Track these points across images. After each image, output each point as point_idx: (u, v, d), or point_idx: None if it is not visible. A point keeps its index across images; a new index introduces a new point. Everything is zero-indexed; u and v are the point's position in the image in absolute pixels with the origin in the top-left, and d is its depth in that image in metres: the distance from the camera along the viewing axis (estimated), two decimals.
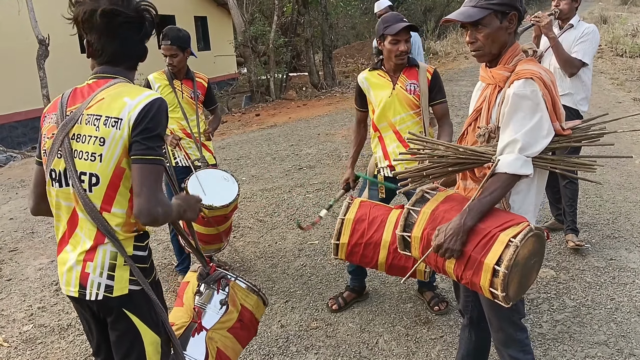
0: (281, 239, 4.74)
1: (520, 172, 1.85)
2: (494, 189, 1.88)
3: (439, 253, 1.91)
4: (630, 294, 3.42)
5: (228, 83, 18.94)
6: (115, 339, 1.81)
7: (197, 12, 18.69)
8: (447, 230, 1.88)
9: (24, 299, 3.98)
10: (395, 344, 3.07)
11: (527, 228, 1.81)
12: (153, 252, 4.61)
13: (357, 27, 25.80)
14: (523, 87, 1.86)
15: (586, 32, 3.89)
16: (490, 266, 1.80)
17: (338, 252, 2.47)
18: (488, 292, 1.84)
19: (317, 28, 16.70)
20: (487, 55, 1.99)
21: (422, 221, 2.02)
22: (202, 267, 2.17)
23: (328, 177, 6.49)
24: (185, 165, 3.88)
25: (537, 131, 1.87)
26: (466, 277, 1.89)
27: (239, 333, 2.20)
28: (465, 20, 1.94)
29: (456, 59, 18.59)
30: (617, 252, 3.99)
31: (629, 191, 5.22)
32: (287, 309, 3.53)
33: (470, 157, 1.98)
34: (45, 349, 3.29)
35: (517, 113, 1.87)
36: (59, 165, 1.74)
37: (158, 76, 3.85)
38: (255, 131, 10.36)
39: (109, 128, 1.68)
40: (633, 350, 2.86)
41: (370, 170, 3.34)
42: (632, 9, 23.63)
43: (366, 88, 3.24)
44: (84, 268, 1.74)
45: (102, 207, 1.72)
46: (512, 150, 1.87)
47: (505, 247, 1.78)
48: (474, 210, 1.88)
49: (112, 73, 1.79)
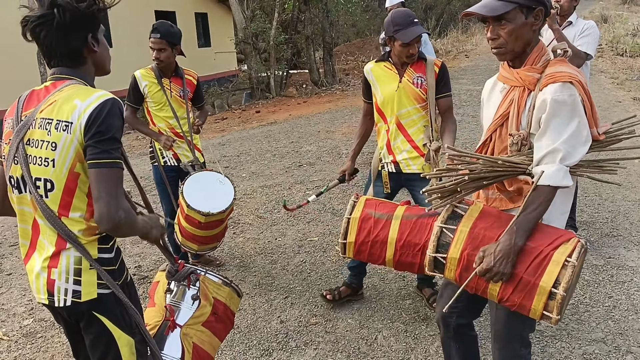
0: (281, 235, 4.75)
1: (563, 183, 1.75)
2: (539, 204, 1.76)
3: (486, 277, 1.79)
4: (628, 292, 3.43)
5: (228, 80, 18.93)
6: (90, 343, 1.79)
7: (198, 9, 18.66)
8: (496, 252, 1.75)
9: (24, 293, 3.99)
10: (394, 340, 3.08)
11: (579, 245, 1.72)
12: (148, 250, 4.65)
13: (358, 24, 25.76)
14: (561, 91, 1.74)
15: (587, 27, 4.02)
16: (547, 289, 1.69)
17: (346, 251, 2.46)
18: (539, 315, 1.73)
19: (317, 25, 16.70)
20: (510, 53, 1.87)
21: (460, 241, 1.89)
22: (169, 264, 2.12)
23: (328, 174, 6.50)
24: (174, 165, 3.82)
25: (576, 138, 1.76)
26: (513, 300, 1.77)
27: (215, 326, 2.18)
28: (488, 14, 1.81)
29: (456, 57, 18.59)
30: (616, 250, 4.01)
31: (628, 190, 5.23)
32: (286, 305, 3.54)
33: (508, 169, 1.87)
34: (46, 343, 3.30)
35: (555, 119, 1.75)
36: (16, 171, 1.71)
37: (145, 73, 3.72)
38: (255, 128, 10.37)
39: (60, 132, 1.62)
40: (630, 348, 2.87)
41: (374, 165, 3.32)
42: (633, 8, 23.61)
43: (372, 80, 3.22)
44: (49, 275, 1.70)
45: (60, 212, 1.67)
46: (552, 160, 1.76)
47: (562, 267, 1.68)
48: (522, 228, 1.76)
49: (68, 74, 1.73)
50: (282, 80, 16.11)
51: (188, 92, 3.84)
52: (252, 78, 15.64)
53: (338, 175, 3.47)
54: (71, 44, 1.71)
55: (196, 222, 3.44)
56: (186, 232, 3.55)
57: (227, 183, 3.69)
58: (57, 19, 1.64)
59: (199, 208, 3.37)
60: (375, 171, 3.31)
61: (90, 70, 1.80)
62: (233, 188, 3.67)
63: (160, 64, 3.66)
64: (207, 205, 3.42)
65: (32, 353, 3.20)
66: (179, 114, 3.77)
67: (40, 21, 1.66)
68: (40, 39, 1.68)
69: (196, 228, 3.50)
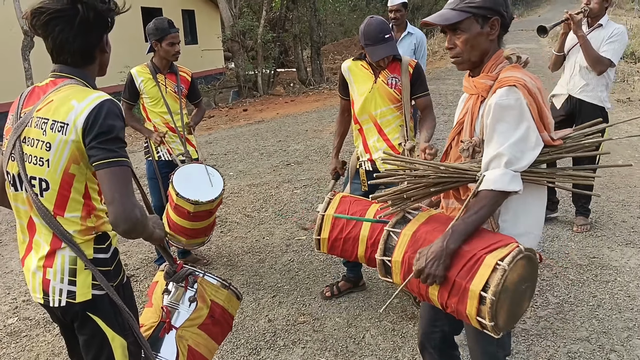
0: (269, 234, 4.74)
1: (509, 188, 1.69)
2: (479, 208, 1.72)
3: (420, 279, 1.76)
4: (611, 291, 3.48)
5: (215, 77, 18.84)
6: (83, 343, 1.78)
7: (185, 6, 18.53)
8: (428, 253, 1.73)
9: (9, 291, 3.94)
10: (382, 339, 3.10)
11: (516, 249, 1.65)
12: (139, 246, 4.62)
13: (346, 23, 25.82)
14: (506, 95, 1.71)
15: (616, 33, 3.99)
16: (476, 293, 1.63)
17: (320, 246, 2.51)
18: (475, 321, 1.68)
19: (305, 24, 16.71)
20: (467, 62, 1.86)
21: (403, 244, 1.87)
22: (168, 265, 2.11)
23: (316, 173, 6.50)
24: (168, 160, 3.88)
25: (523, 143, 1.71)
26: (451, 305, 1.74)
27: (211, 329, 2.15)
28: (442, 23, 1.81)
29: (443, 58, 18.67)
30: (600, 250, 4.06)
31: (612, 191, 5.31)
32: (274, 304, 3.54)
33: (453, 175, 1.83)
34: (31, 342, 3.27)
35: (501, 124, 1.72)
36: (12, 168, 1.70)
37: (141, 70, 3.81)
38: (242, 126, 10.33)
39: (55, 133, 1.60)
40: (614, 347, 2.92)
41: (353, 165, 3.37)
42: (617, 11, 23.92)
43: (348, 78, 3.26)
44: (44, 274, 1.70)
45: (55, 211, 1.66)
46: (497, 164, 1.72)
47: (492, 270, 1.62)
48: (458, 232, 1.72)
49: (69, 73, 1.70)
50: (270, 78, 16.08)
51: (182, 88, 3.93)
52: (239, 76, 15.59)
53: (331, 176, 3.49)
54: (87, 43, 1.68)
55: (185, 212, 3.48)
56: (174, 224, 3.57)
57: (217, 175, 3.75)
58: (81, 15, 1.61)
59: (188, 196, 3.43)
60: (353, 169, 3.36)
61: (94, 70, 1.77)
62: (222, 180, 3.72)
63: (177, 57, 3.77)
64: (197, 194, 3.45)
65: (17, 352, 3.17)
66: (173, 109, 3.85)
67: (59, 15, 1.61)
68: (54, 33, 1.63)
69: (185, 219, 3.52)
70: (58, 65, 1.71)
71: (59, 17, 1.61)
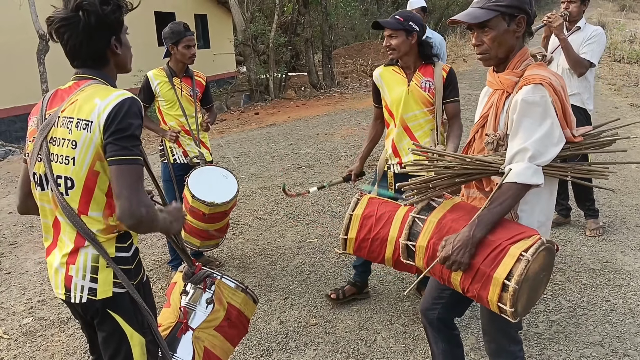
0: (280, 236, 4.77)
1: (531, 181, 1.78)
2: (504, 199, 1.81)
3: (445, 265, 1.85)
4: (625, 296, 3.46)
5: (227, 81, 18.94)
6: (102, 340, 1.81)
7: (198, 10, 18.69)
8: (455, 241, 1.82)
9: (24, 292, 4.00)
10: (393, 342, 3.10)
11: (539, 242, 1.75)
12: (152, 248, 4.66)
13: (357, 28, 25.84)
14: (532, 92, 1.80)
15: (594, 34, 4.06)
16: (500, 280, 1.73)
17: (346, 246, 2.49)
18: (496, 306, 1.78)
19: (317, 28, 16.76)
20: (493, 59, 1.94)
21: (428, 230, 1.96)
22: (187, 267, 2.14)
23: (327, 176, 6.52)
24: (183, 162, 3.93)
25: (547, 139, 1.80)
26: (473, 291, 1.84)
27: (227, 331, 2.17)
28: (471, 22, 1.88)
29: (455, 62, 18.65)
30: (613, 254, 4.04)
31: (625, 195, 5.27)
32: (286, 306, 3.56)
33: (478, 167, 1.92)
34: (45, 341, 3.31)
35: (526, 120, 1.81)
36: (39, 169, 1.74)
37: (157, 73, 3.87)
38: (254, 130, 10.38)
39: (80, 131, 1.65)
40: (627, 351, 2.90)
41: (380, 166, 3.35)
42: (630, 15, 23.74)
43: (380, 84, 3.26)
44: (67, 271, 1.74)
45: (79, 210, 1.70)
46: (521, 159, 1.80)
47: (516, 261, 1.72)
48: (484, 222, 1.81)
49: (90, 74, 1.76)
50: (281, 82, 16.14)
51: (197, 92, 3.99)
52: (251, 80, 15.68)
53: (342, 175, 3.49)
54: (95, 46, 1.73)
55: (200, 213, 3.52)
56: (189, 226, 3.62)
57: (231, 177, 3.81)
58: (83, 21, 1.67)
59: (204, 198, 3.48)
60: (381, 171, 3.34)
61: (112, 70, 1.83)
62: (237, 182, 3.78)
63: (193, 59, 3.83)
64: (212, 195, 3.51)
65: (32, 352, 3.21)
66: (189, 112, 3.91)
67: (65, 23, 1.68)
68: (64, 40, 1.71)
69: (200, 221, 3.57)
70: (79, 69, 1.78)
71: (65, 24, 1.69)
